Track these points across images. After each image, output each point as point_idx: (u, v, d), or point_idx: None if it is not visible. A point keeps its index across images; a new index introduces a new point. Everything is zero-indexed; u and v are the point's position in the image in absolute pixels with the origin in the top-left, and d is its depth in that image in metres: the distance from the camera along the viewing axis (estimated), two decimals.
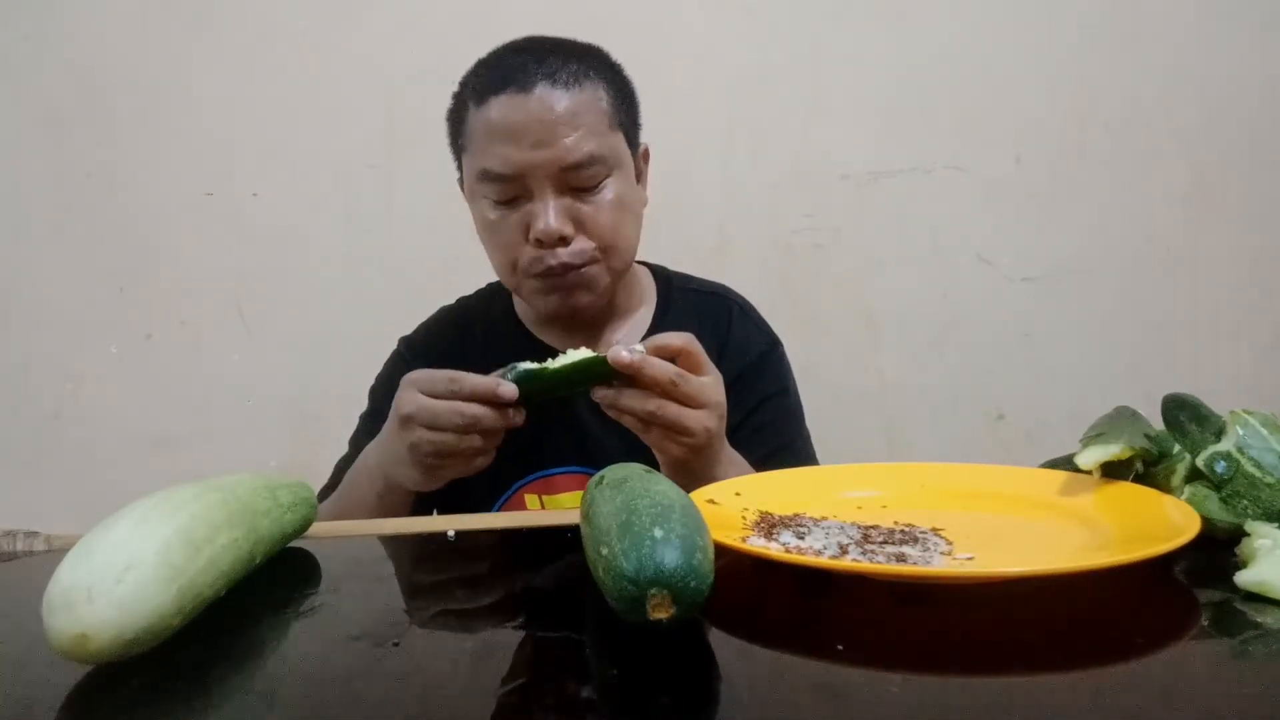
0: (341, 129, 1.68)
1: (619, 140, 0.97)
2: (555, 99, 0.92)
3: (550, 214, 0.92)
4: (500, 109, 0.92)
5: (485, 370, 0.79)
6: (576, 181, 0.93)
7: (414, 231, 1.68)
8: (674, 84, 1.65)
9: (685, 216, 1.66)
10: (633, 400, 0.77)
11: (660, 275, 1.12)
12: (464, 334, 1.10)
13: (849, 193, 1.73)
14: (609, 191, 0.95)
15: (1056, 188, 1.76)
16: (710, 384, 0.79)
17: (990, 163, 1.75)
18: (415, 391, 0.80)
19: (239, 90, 1.67)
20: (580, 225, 0.94)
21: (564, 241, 0.93)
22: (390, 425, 0.83)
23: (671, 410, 0.76)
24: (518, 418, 0.78)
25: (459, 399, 0.77)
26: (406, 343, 1.12)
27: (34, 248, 1.67)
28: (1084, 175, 1.76)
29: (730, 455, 0.87)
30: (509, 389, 0.77)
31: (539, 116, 0.91)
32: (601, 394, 0.78)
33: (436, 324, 1.13)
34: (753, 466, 0.90)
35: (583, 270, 0.95)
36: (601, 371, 0.76)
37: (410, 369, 0.83)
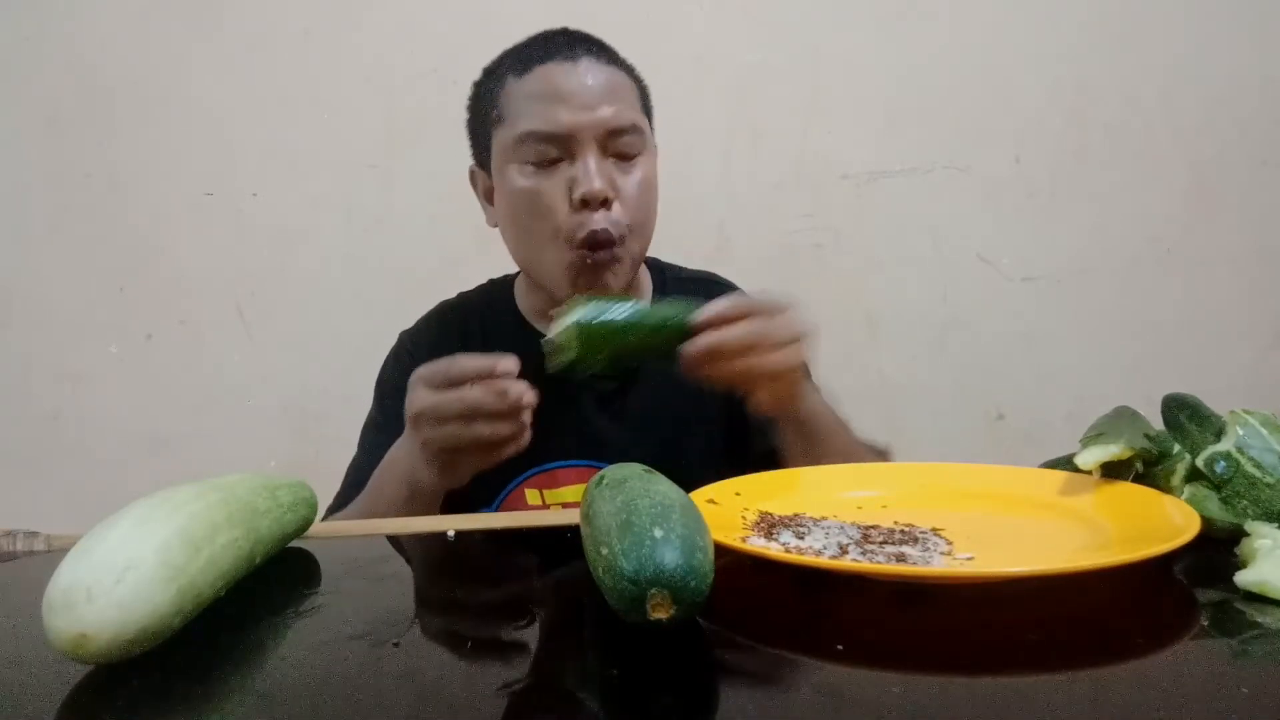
0: (341, 129, 1.68)
1: (648, 126, 1.01)
2: (600, 70, 0.96)
3: (595, 175, 0.93)
4: (547, 74, 0.94)
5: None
6: (617, 148, 0.95)
7: (414, 231, 1.68)
8: (674, 84, 1.64)
9: (685, 216, 1.66)
10: (729, 366, 0.80)
11: (654, 266, 1.13)
12: (465, 327, 1.09)
13: (849, 193, 1.73)
14: (641, 169, 0.97)
15: (1056, 188, 1.76)
16: (783, 321, 0.85)
17: (990, 163, 1.74)
18: (421, 387, 0.80)
19: (239, 90, 1.67)
20: (617, 193, 0.95)
21: (606, 204, 0.94)
22: (406, 426, 0.83)
23: (768, 361, 0.82)
24: (527, 395, 0.76)
25: (462, 383, 0.77)
26: (407, 335, 1.12)
27: (33, 248, 1.67)
28: (1084, 175, 1.76)
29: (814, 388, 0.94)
30: (507, 363, 0.76)
31: (586, 82, 0.94)
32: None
33: (437, 317, 1.12)
34: None
35: (614, 250, 0.95)
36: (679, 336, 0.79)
37: (412, 361, 0.83)
